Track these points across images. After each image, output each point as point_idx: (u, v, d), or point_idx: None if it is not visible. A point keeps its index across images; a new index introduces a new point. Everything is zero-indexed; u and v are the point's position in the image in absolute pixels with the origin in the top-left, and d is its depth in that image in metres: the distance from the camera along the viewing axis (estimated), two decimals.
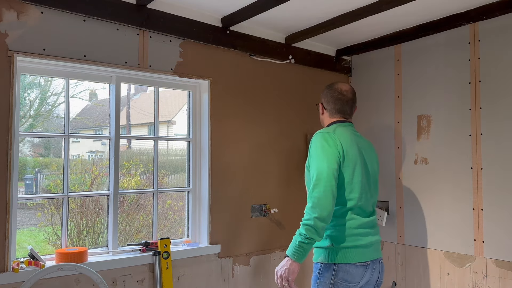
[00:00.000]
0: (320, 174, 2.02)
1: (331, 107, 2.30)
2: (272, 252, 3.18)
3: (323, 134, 2.14)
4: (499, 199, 2.67)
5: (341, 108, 2.29)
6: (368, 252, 2.12)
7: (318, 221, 1.96)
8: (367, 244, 2.12)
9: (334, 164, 2.04)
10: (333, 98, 2.29)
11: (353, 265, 2.05)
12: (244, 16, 2.72)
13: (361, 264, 2.07)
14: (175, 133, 5.28)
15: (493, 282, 2.68)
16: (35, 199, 3.55)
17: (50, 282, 2.23)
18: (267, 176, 3.19)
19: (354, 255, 2.07)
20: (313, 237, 1.97)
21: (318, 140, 2.12)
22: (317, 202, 1.98)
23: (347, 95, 2.30)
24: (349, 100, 2.30)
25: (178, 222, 3.20)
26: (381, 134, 3.38)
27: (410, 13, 2.81)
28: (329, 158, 2.04)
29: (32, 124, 3.73)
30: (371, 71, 3.51)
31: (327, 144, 2.08)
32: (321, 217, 1.96)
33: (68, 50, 2.33)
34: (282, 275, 2.03)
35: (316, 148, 2.11)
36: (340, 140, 2.11)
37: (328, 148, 2.07)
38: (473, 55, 2.85)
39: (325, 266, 2.07)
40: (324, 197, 1.98)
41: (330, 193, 1.99)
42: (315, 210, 1.97)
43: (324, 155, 2.05)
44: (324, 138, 2.11)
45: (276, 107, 3.27)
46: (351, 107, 2.31)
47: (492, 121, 2.74)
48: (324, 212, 1.96)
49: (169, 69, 2.71)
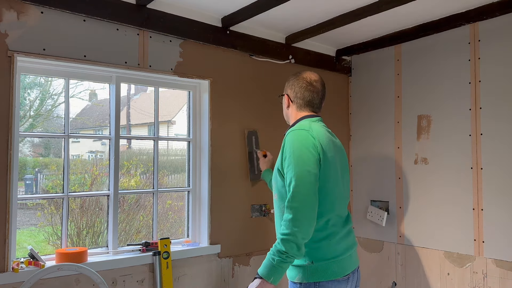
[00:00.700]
0: (300, 179, 1.74)
1: (299, 99, 2.05)
2: None
3: (300, 132, 1.88)
4: (499, 199, 2.67)
5: (311, 101, 2.04)
6: (348, 264, 1.91)
7: (301, 236, 1.70)
8: (347, 256, 1.91)
9: (315, 168, 1.79)
10: (302, 88, 2.05)
11: (335, 281, 1.83)
12: (244, 16, 2.72)
13: (343, 279, 1.86)
14: (175, 133, 5.28)
15: (493, 282, 2.68)
16: (35, 199, 3.55)
17: (50, 282, 2.23)
18: None
19: (335, 271, 1.84)
20: (294, 255, 1.72)
21: (296, 139, 1.85)
22: (299, 215, 1.71)
23: (316, 86, 2.05)
24: (319, 91, 2.06)
25: (178, 222, 3.20)
26: (381, 134, 3.38)
27: (410, 13, 2.81)
28: (309, 161, 1.79)
29: (32, 124, 3.73)
30: (371, 71, 3.51)
31: (306, 144, 1.82)
32: (304, 231, 1.71)
33: (68, 50, 2.33)
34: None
35: (292, 151, 1.82)
36: (319, 140, 1.87)
37: (306, 150, 1.81)
38: (473, 55, 2.85)
39: (304, 285, 1.83)
40: (306, 208, 1.72)
41: (313, 203, 1.75)
42: (297, 223, 1.70)
43: (304, 157, 1.79)
44: (303, 137, 1.85)
45: (276, 107, 3.27)
46: (321, 99, 2.08)
47: (492, 121, 2.74)
48: (307, 225, 1.72)
49: (169, 69, 2.71)
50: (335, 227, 1.89)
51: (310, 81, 2.05)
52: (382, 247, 3.33)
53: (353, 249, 1.97)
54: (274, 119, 3.24)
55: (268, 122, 3.21)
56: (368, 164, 3.50)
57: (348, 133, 3.68)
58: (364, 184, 3.50)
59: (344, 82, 3.70)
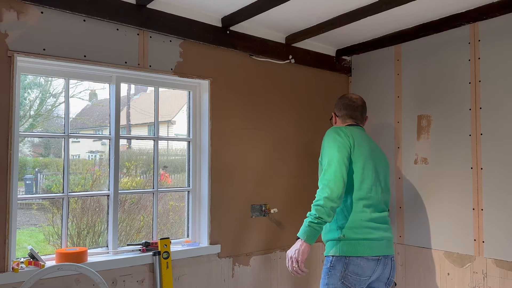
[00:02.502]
0: (331, 160, 2.12)
1: (343, 113, 2.46)
2: (272, 252, 3.18)
3: (335, 128, 2.27)
4: (499, 199, 2.67)
5: (352, 113, 2.45)
6: (379, 246, 2.15)
7: (328, 200, 2.02)
8: (379, 238, 2.16)
9: (345, 151, 2.15)
10: (344, 105, 2.46)
11: (364, 259, 2.08)
12: (244, 16, 2.72)
13: (372, 258, 2.10)
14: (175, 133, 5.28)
15: (493, 282, 2.68)
16: (35, 199, 3.55)
17: (50, 282, 2.23)
18: (267, 176, 3.19)
19: (365, 248, 2.10)
20: (322, 217, 2.02)
21: (331, 134, 2.24)
22: (327, 184, 2.06)
23: (356, 102, 2.47)
24: (359, 106, 2.47)
25: (178, 222, 3.20)
26: (381, 134, 3.38)
27: (410, 13, 2.81)
28: (339, 147, 2.15)
29: (32, 124, 3.73)
30: (371, 71, 3.51)
31: (338, 135, 2.20)
32: (330, 197, 2.02)
33: (68, 50, 2.33)
34: (293, 256, 2.04)
35: (328, 141, 2.21)
36: (352, 134, 2.24)
37: (339, 138, 2.19)
38: (473, 55, 2.85)
39: (336, 259, 2.10)
40: (334, 179, 2.06)
41: (340, 176, 2.06)
42: (324, 190, 2.05)
43: (335, 144, 2.16)
44: (336, 131, 2.24)
45: (276, 107, 3.27)
46: (361, 113, 2.47)
47: (492, 121, 2.74)
48: (333, 192, 2.03)
49: (169, 69, 2.71)
50: (367, 209, 2.18)
51: (351, 98, 2.49)
52: None
53: (386, 236, 2.21)
54: (274, 119, 3.24)
55: (268, 122, 3.21)
56: None
57: None
58: None
59: (344, 82, 3.70)
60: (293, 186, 3.34)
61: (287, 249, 3.24)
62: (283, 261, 3.22)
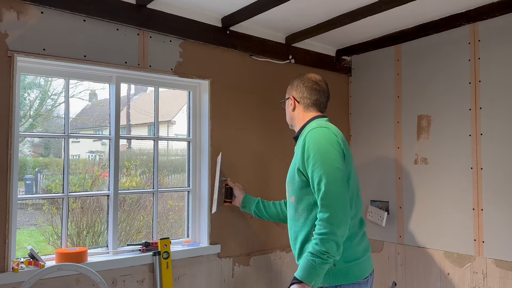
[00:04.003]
0: (332, 177, 1.71)
1: (305, 100, 2.02)
2: (272, 252, 3.18)
3: (322, 130, 1.86)
4: (499, 199, 2.67)
5: (318, 100, 2.03)
6: (367, 266, 1.92)
7: (340, 233, 1.67)
8: (366, 258, 1.92)
9: (343, 165, 1.78)
10: (308, 88, 2.03)
11: (356, 284, 1.83)
12: (244, 16, 2.72)
13: (363, 281, 1.87)
14: (175, 133, 5.28)
15: (493, 282, 2.68)
16: (35, 199, 3.56)
17: (50, 282, 2.23)
18: (267, 176, 3.19)
19: (356, 273, 1.84)
20: (334, 254, 1.67)
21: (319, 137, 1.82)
22: (336, 212, 1.67)
23: (322, 85, 2.05)
24: (325, 90, 2.07)
25: (178, 222, 3.20)
26: (381, 134, 3.38)
27: (410, 13, 2.81)
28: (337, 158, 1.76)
29: (32, 124, 3.73)
30: (371, 71, 3.51)
31: (330, 142, 1.81)
32: (343, 228, 1.67)
33: (68, 50, 2.33)
34: None
35: (318, 147, 1.79)
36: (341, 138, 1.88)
37: (332, 147, 1.79)
38: (473, 55, 2.85)
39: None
40: (341, 205, 1.69)
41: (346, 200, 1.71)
42: (334, 220, 1.66)
43: (331, 155, 1.77)
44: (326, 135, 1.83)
45: (276, 107, 3.27)
46: (327, 99, 2.08)
47: (492, 121, 2.74)
48: (345, 222, 1.68)
49: (169, 69, 2.71)
50: (354, 228, 1.87)
51: (315, 80, 2.05)
52: (382, 247, 3.33)
53: (369, 251, 1.96)
54: (274, 119, 3.24)
55: (268, 121, 3.21)
56: (368, 164, 3.49)
57: (348, 133, 3.68)
58: (364, 184, 3.49)
59: (344, 82, 3.70)
60: None
61: (287, 249, 3.24)
62: (283, 261, 3.22)
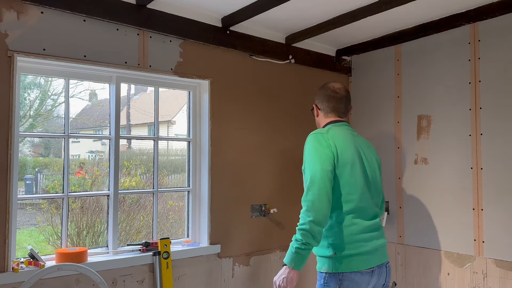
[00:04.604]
0: (314, 176, 1.95)
1: (325, 106, 2.24)
2: (272, 252, 3.18)
3: (316, 135, 2.09)
4: (499, 199, 2.67)
5: (335, 106, 2.23)
6: (373, 258, 2.03)
7: (314, 224, 1.89)
8: (372, 250, 2.03)
9: (328, 165, 1.97)
10: (326, 96, 2.23)
11: (358, 273, 1.98)
12: (244, 16, 2.72)
13: (367, 271, 2.00)
14: (175, 133, 5.28)
15: (493, 282, 2.68)
16: (35, 199, 3.56)
17: (50, 282, 2.23)
18: (267, 176, 3.19)
19: (358, 263, 1.98)
20: (309, 242, 1.90)
21: (311, 141, 2.07)
22: (311, 206, 1.91)
23: (340, 93, 2.24)
24: (342, 97, 2.23)
25: (178, 222, 3.20)
26: (381, 134, 3.38)
27: (410, 13, 2.81)
28: (322, 160, 1.98)
29: (32, 124, 3.73)
30: (371, 71, 3.51)
31: (319, 145, 2.02)
32: (316, 220, 1.89)
33: (68, 50, 2.33)
34: (281, 285, 1.93)
35: (309, 150, 2.05)
36: (334, 140, 2.05)
37: (321, 149, 2.01)
38: (473, 55, 2.85)
39: (329, 276, 2.00)
40: (318, 200, 1.91)
41: (324, 195, 1.92)
42: (310, 213, 1.90)
43: (317, 156, 1.99)
44: (317, 139, 2.06)
45: (276, 107, 3.28)
46: (346, 105, 2.24)
47: (492, 121, 2.74)
48: (319, 215, 1.89)
49: (169, 69, 2.72)
50: (357, 220, 2.03)
51: (333, 89, 2.25)
52: None
53: (379, 244, 2.08)
54: (274, 119, 3.24)
55: (268, 122, 3.21)
56: None
57: None
58: None
59: (344, 82, 3.69)
60: (293, 186, 3.34)
61: (287, 249, 3.24)
62: (283, 261, 3.22)
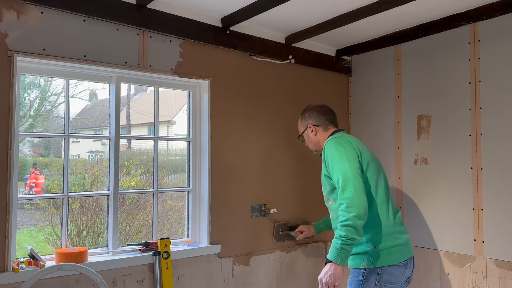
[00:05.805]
0: (345, 174, 2.07)
1: (322, 120, 2.41)
2: (272, 252, 3.18)
3: (336, 139, 2.24)
4: (499, 199, 2.67)
5: (332, 117, 2.43)
6: (407, 250, 2.18)
7: (357, 219, 1.99)
8: (404, 242, 2.18)
9: (356, 162, 2.12)
10: (319, 112, 2.42)
11: (396, 266, 2.10)
12: (244, 16, 2.72)
13: (403, 264, 2.13)
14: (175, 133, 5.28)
15: (493, 282, 2.68)
16: (35, 199, 3.56)
17: (50, 282, 2.23)
18: (267, 176, 3.19)
19: (395, 256, 2.11)
20: (354, 237, 1.99)
21: (333, 145, 2.20)
22: (351, 202, 2.01)
23: (327, 106, 2.46)
24: (331, 110, 2.46)
25: (178, 222, 3.20)
26: (381, 134, 3.38)
27: (410, 13, 2.81)
28: (349, 158, 2.12)
29: (32, 124, 3.73)
30: (371, 71, 3.51)
31: (342, 146, 2.17)
32: (358, 214, 1.99)
33: (68, 50, 2.33)
34: (328, 281, 1.98)
35: (332, 154, 2.17)
36: (352, 141, 2.24)
37: (344, 150, 2.15)
38: (473, 55, 2.85)
39: (368, 271, 2.09)
40: (356, 195, 2.01)
41: (360, 190, 2.03)
42: (351, 209, 2.00)
43: (344, 156, 2.12)
44: (338, 142, 2.21)
45: (276, 107, 3.27)
46: (335, 116, 2.46)
47: (492, 121, 2.74)
48: (360, 209, 2.00)
49: (169, 69, 2.71)
50: (389, 211, 2.19)
51: (320, 105, 2.47)
52: None
53: (408, 237, 2.25)
54: (274, 119, 3.24)
55: (268, 122, 3.21)
56: None
57: (348, 133, 3.68)
58: None
59: (344, 82, 3.70)
60: (293, 186, 3.34)
61: (287, 249, 3.25)
62: (283, 261, 3.22)
